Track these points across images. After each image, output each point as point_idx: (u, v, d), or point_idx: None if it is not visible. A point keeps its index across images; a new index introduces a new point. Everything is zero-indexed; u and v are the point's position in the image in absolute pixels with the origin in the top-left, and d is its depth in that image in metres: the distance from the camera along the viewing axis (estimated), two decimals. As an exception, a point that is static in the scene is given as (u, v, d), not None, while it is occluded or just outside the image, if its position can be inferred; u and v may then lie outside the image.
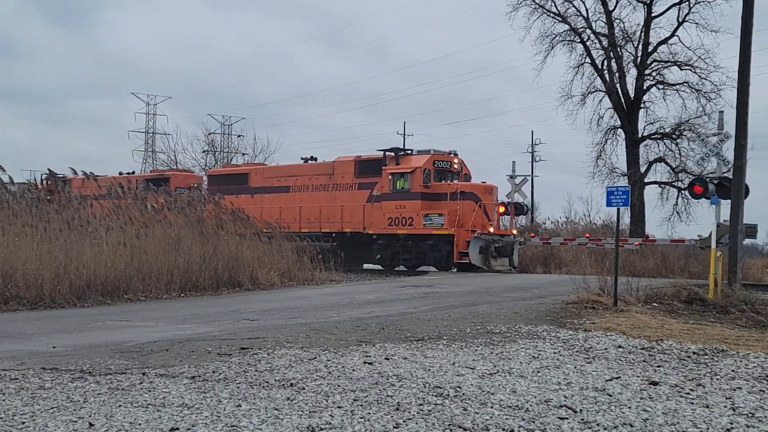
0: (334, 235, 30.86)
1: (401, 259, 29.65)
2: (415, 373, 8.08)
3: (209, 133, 67.12)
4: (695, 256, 31.56)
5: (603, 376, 8.18)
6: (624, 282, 15.41)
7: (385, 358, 8.95)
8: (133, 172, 43.12)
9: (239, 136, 69.13)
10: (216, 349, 9.64)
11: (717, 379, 8.22)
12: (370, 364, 8.57)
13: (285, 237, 24.30)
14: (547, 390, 7.38)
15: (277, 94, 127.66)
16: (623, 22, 37.55)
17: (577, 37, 38.03)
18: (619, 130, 37.23)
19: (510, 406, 6.71)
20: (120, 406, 6.53)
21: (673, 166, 36.87)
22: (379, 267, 31.86)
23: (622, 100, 36.89)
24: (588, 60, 38.04)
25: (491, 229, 28.17)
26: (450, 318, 12.88)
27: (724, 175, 17.99)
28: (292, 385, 7.41)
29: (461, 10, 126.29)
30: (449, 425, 6.05)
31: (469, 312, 13.70)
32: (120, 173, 39.83)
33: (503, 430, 5.97)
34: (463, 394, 7.15)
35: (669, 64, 37.37)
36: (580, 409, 6.62)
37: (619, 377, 8.11)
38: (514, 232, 29.89)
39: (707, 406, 6.85)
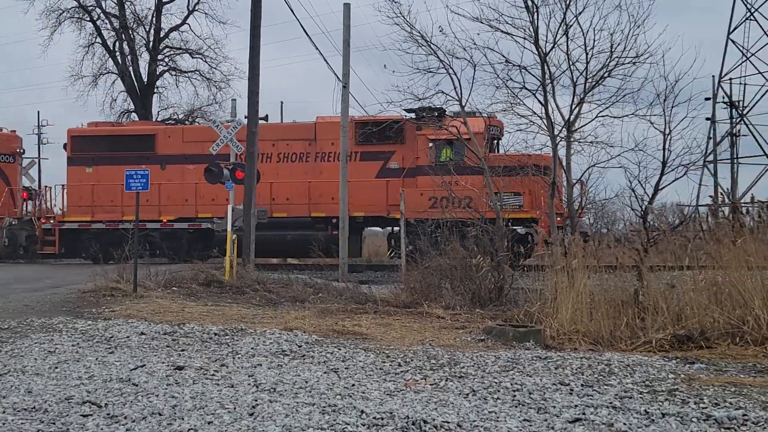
0: (334, 221, 22.41)
1: None
2: None
3: None
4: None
5: (127, 365, 7.88)
6: (143, 268, 15.20)
7: None
8: None
9: None
10: None
11: (239, 358, 8.46)
12: None
13: None
14: (67, 386, 6.86)
15: None
16: (134, 5, 37.25)
17: (87, 15, 36.67)
18: (133, 114, 36.88)
19: (26, 409, 6.09)
20: None
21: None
22: None
23: (136, 84, 36.58)
24: (99, 40, 36.98)
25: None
26: (-53, 316, 11.39)
27: (238, 162, 18.76)
28: None
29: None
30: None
31: (-30, 308, 12.27)
32: None
33: (20, 437, 5.37)
34: (-32, 401, 6.30)
35: (181, 51, 38.14)
36: (106, 403, 6.26)
37: (144, 365, 7.88)
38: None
39: (232, 386, 6.97)
